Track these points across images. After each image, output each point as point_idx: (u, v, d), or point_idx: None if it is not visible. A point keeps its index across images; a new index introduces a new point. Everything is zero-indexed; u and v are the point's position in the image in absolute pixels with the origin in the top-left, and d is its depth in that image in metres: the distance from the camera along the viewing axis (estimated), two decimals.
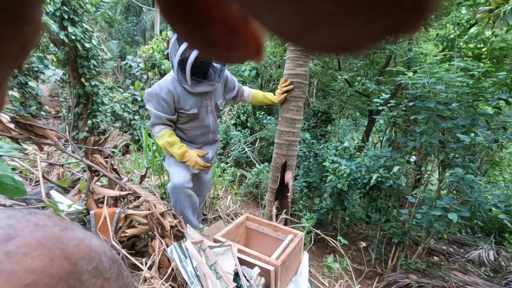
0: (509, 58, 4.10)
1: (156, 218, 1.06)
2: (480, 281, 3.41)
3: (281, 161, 1.92)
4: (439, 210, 2.63)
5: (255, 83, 9.33)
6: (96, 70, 5.91)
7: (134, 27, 16.41)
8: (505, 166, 7.08)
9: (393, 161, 3.54)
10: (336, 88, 6.70)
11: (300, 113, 1.89)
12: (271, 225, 1.38)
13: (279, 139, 1.94)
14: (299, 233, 1.35)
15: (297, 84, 1.83)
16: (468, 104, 2.94)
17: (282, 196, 1.83)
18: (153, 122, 1.72)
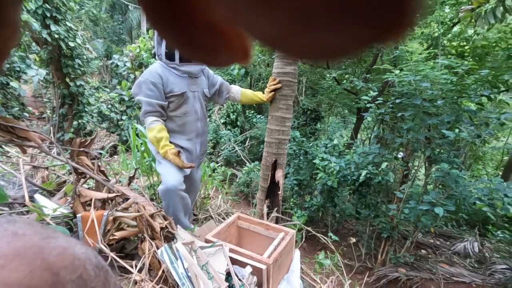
0: (490, 56, 4.22)
1: (145, 220, 1.04)
2: (465, 272, 3.51)
3: (272, 159, 1.92)
4: (426, 205, 2.69)
5: (244, 82, 9.30)
6: (81, 70, 5.77)
7: (120, 25, 16.08)
8: (488, 160, 7.32)
9: (381, 157, 3.60)
10: (325, 86, 6.76)
11: (290, 111, 1.90)
12: (263, 223, 1.38)
13: (269, 138, 1.94)
14: (290, 231, 1.35)
15: (286, 83, 1.83)
16: (452, 100, 3.02)
17: (273, 194, 1.84)
18: (145, 110, 1.72)
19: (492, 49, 4.38)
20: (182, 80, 1.79)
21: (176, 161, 1.61)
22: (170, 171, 1.67)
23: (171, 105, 1.77)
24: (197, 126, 1.88)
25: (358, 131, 6.37)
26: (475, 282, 3.29)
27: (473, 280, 3.32)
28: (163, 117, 1.76)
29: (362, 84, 4.43)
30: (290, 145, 4.53)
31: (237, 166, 8.05)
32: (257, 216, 2.04)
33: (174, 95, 1.75)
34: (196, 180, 1.98)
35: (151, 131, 1.69)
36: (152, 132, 1.68)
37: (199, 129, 1.89)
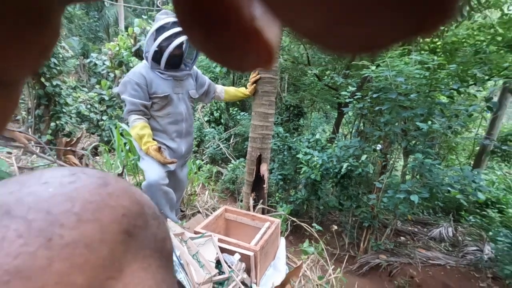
0: (460, 51, 4.46)
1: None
2: (440, 255, 3.75)
3: (256, 154, 1.98)
4: (403, 193, 2.85)
5: (227, 79, 9.30)
6: (57, 69, 5.57)
7: (96, 22, 15.55)
8: (460, 150, 7.73)
9: (361, 150, 3.75)
10: (307, 83, 6.89)
11: (272, 107, 1.97)
12: (249, 215, 1.45)
13: (253, 133, 2.00)
14: (275, 220, 1.42)
15: (268, 80, 1.89)
16: (425, 94, 3.19)
17: (259, 188, 1.90)
18: (129, 109, 1.75)
19: (461, 45, 4.63)
20: (166, 82, 1.81)
21: (158, 157, 1.64)
22: (152, 167, 1.70)
23: (155, 105, 1.80)
24: (182, 127, 1.90)
25: (340, 125, 6.55)
26: (449, 264, 3.51)
27: (447, 262, 3.55)
28: (146, 116, 1.78)
29: (342, 80, 4.57)
30: (274, 141, 4.62)
31: (222, 164, 8.06)
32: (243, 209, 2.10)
33: (158, 97, 1.77)
34: (181, 179, 2.00)
35: (134, 128, 1.72)
36: (135, 129, 1.72)
37: (183, 130, 1.91)
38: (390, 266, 3.54)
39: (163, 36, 1.62)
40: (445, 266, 3.49)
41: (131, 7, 15.18)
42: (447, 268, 3.47)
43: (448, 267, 3.48)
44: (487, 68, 3.81)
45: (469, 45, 4.43)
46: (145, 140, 1.70)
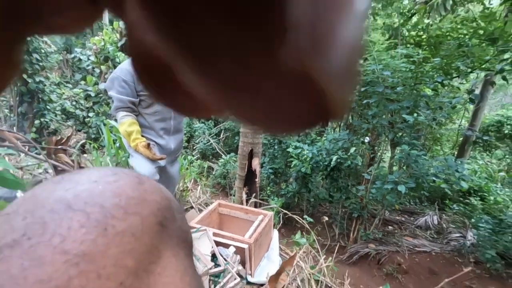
0: (444, 45, 4.57)
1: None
2: (426, 242, 3.89)
3: (248, 149, 2.00)
4: (391, 184, 2.94)
5: None
6: (39, 65, 5.40)
7: None
8: (444, 141, 7.96)
9: (350, 143, 3.83)
10: None
11: None
12: (242, 208, 1.47)
13: (244, 128, 2.02)
14: (268, 213, 1.46)
15: None
16: (411, 87, 3.27)
17: (251, 182, 1.93)
18: (117, 106, 1.74)
19: (445, 38, 4.74)
20: None
21: (147, 153, 1.64)
22: (142, 163, 1.69)
23: (143, 103, 1.78)
24: (170, 125, 1.88)
25: None
26: (434, 250, 3.66)
27: (433, 249, 3.70)
28: (134, 112, 1.76)
29: None
30: (264, 135, 4.65)
31: (213, 159, 8.05)
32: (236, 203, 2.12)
33: (145, 94, 1.75)
34: (173, 175, 1.98)
35: (122, 125, 1.71)
36: (123, 126, 1.71)
37: (171, 127, 1.89)
38: (379, 255, 3.66)
39: None
40: (431, 253, 3.64)
41: None
42: (432, 255, 3.62)
43: (433, 253, 3.63)
44: (470, 61, 3.92)
45: (453, 38, 4.54)
46: (133, 136, 1.69)
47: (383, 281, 3.43)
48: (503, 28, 3.93)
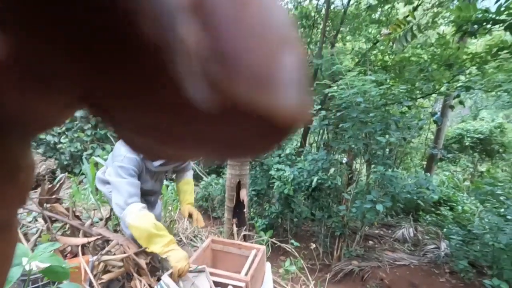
0: (407, 69, 4.99)
1: (132, 259, 1.09)
2: (405, 256, 4.08)
3: (235, 180, 2.07)
4: (369, 203, 3.10)
5: None
6: None
7: None
8: (414, 154, 8.46)
9: (329, 163, 4.00)
10: None
11: None
12: (235, 244, 1.51)
13: (231, 161, 2.08)
14: (261, 247, 1.51)
15: None
16: (381, 111, 3.53)
17: (239, 212, 1.98)
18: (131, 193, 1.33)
19: (408, 62, 5.19)
20: (150, 173, 1.56)
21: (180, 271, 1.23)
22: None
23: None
24: (150, 200, 1.71)
25: (307, 138, 6.85)
26: (412, 263, 3.84)
27: (411, 262, 3.88)
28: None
29: None
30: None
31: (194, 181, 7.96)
32: (225, 235, 2.15)
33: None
34: (156, 217, 1.84)
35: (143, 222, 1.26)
36: (145, 223, 1.26)
37: (151, 201, 1.72)
38: (362, 271, 3.78)
39: None
40: (410, 266, 3.81)
41: None
42: (411, 268, 3.79)
43: (412, 266, 3.81)
44: (431, 85, 4.31)
45: (415, 63, 4.99)
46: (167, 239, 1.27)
47: None
48: (457, 54, 4.39)
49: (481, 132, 8.13)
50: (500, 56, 3.88)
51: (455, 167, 9.32)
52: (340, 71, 3.86)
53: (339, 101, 3.66)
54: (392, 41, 3.63)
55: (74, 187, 2.94)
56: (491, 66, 3.84)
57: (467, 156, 8.55)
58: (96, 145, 4.96)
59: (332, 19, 5.83)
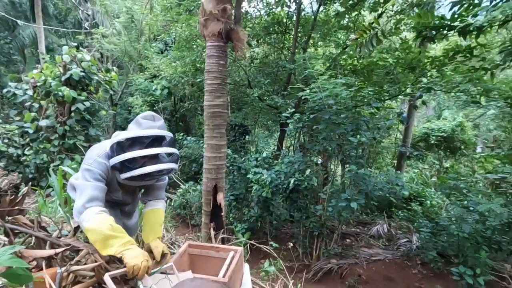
0: (375, 72, 5.25)
1: (104, 268, 1.04)
2: (380, 251, 4.24)
3: (212, 184, 2.06)
4: (344, 201, 3.20)
5: (168, 102, 9.13)
6: None
7: (9, 44, 13.78)
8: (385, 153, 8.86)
9: (305, 164, 4.09)
10: (249, 102, 7.21)
11: (224, 139, 2.08)
12: (213, 247, 1.50)
13: (208, 165, 2.08)
14: (238, 248, 1.51)
15: (218, 113, 2.01)
16: (352, 112, 3.67)
17: (217, 216, 1.97)
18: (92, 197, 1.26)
19: (375, 65, 5.46)
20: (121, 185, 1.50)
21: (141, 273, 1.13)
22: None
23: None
24: (124, 210, 1.66)
25: (283, 141, 6.95)
26: (387, 258, 4.00)
27: (386, 256, 4.04)
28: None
29: (281, 100, 4.94)
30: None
31: (170, 189, 7.77)
32: (203, 239, 2.12)
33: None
34: (131, 226, 1.76)
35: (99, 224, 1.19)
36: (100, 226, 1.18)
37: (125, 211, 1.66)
38: (341, 269, 3.87)
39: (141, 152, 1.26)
40: (385, 260, 3.97)
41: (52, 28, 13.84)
42: (386, 262, 3.95)
43: (387, 260, 3.96)
44: (397, 87, 4.56)
45: (381, 66, 5.26)
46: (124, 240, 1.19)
47: None
48: (419, 57, 4.69)
49: (444, 131, 8.69)
50: (456, 59, 4.20)
51: (423, 164, 9.87)
52: (312, 75, 3.98)
53: (312, 104, 3.77)
54: (359, 46, 3.81)
55: (41, 200, 2.77)
56: (449, 68, 4.13)
57: (433, 153, 9.09)
58: (64, 156, 4.71)
59: (303, 25, 6.01)
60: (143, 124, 1.35)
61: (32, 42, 13.94)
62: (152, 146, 1.32)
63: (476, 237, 3.10)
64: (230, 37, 1.92)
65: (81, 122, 4.87)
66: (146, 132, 1.31)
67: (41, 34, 10.68)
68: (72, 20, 15.32)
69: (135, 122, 1.38)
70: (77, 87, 4.68)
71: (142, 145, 1.31)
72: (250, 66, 6.82)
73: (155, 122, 1.38)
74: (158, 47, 9.16)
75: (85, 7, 11.70)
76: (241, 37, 1.85)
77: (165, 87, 7.45)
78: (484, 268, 3.01)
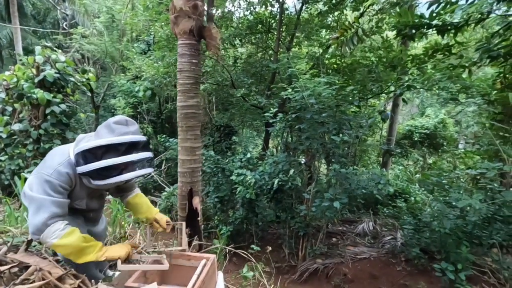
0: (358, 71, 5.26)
1: (54, 286, 0.95)
2: (365, 249, 4.24)
3: (187, 188, 1.98)
4: (327, 201, 3.18)
5: (153, 103, 8.95)
6: None
7: None
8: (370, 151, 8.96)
9: (289, 164, 4.04)
10: (234, 102, 7.13)
11: (198, 140, 2.01)
12: (184, 255, 1.43)
13: (182, 168, 2.00)
14: (211, 256, 1.44)
15: (191, 115, 1.93)
16: (333, 111, 3.66)
17: (193, 221, 1.89)
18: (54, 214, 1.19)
19: (358, 65, 5.49)
20: (87, 189, 1.42)
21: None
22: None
23: None
24: (89, 216, 1.58)
25: (268, 141, 6.91)
26: (372, 255, 4.01)
27: (371, 254, 4.04)
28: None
29: (265, 100, 4.89)
30: (207, 164, 4.61)
31: (155, 192, 7.60)
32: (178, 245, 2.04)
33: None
34: (98, 233, 1.68)
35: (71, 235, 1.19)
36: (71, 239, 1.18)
37: (90, 218, 1.59)
38: (326, 268, 3.85)
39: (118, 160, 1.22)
40: (370, 258, 3.97)
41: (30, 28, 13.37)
42: (371, 260, 3.95)
43: (372, 258, 3.97)
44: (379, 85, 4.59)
45: (364, 65, 5.29)
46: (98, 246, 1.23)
47: None
48: (400, 56, 4.73)
49: (427, 128, 8.86)
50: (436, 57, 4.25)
51: (407, 161, 10.04)
52: (295, 74, 3.95)
53: (295, 103, 3.74)
54: (340, 44, 3.80)
55: (8, 210, 2.62)
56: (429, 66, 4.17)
57: (417, 150, 9.25)
58: (39, 160, 4.51)
59: (286, 24, 5.98)
60: (117, 130, 1.28)
61: (10, 43, 13.41)
62: (128, 152, 1.28)
63: (457, 232, 3.13)
64: (202, 35, 1.84)
65: (57, 126, 4.67)
66: (121, 138, 1.26)
67: (18, 35, 10.29)
68: (52, 20, 14.84)
69: (106, 127, 1.30)
70: (52, 89, 4.48)
71: (118, 152, 1.26)
72: (234, 66, 6.75)
73: (129, 127, 1.32)
74: (140, 48, 8.98)
75: (63, 7, 11.34)
76: (214, 34, 1.78)
77: (148, 88, 7.28)
78: (465, 263, 3.04)
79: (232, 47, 6.58)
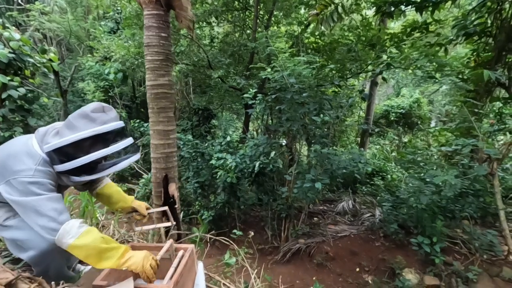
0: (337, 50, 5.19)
1: None
2: (346, 227, 4.34)
3: (162, 175, 1.85)
4: (309, 182, 3.16)
5: (125, 86, 8.45)
6: None
7: None
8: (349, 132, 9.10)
9: (270, 146, 3.98)
10: (212, 85, 6.88)
11: (172, 123, 1.85)
12: (159, 247, 1.33)
13: (155, 153, 1.85)
14: (189, 246, 1.35)
15: (162, 95, 1.76)
16: (314, 91, 3.58)
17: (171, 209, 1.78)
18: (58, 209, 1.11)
19: (338, 44, 5.40)
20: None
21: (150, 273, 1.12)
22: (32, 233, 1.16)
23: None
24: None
25: (248, 124, 6.79)
26: (352, 233, 4.11)
27: (351, 231, 4.15)
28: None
29: (244, 81, 4.71)
30: (186, 149, 4.45)
31: (133, 179, 7.34)
32: (156, 237, 1.94)
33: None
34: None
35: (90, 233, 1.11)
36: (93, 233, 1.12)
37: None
38: (309, 248, 3.91)
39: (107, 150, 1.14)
40: (350, 236, 4.07)
41: None
42: (351, 237, 4.06)
43: (352, 236, 4.07)
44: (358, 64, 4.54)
45: (343, 44, 5.21)
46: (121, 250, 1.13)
47: (316, 271, 3.68)
48: (378, 35, 4.69)
49: (402, 108, 9.09)
50: (414, 35, 4.23)
51: (384, 141, 10.34)
52: (274, 53, 3.80)
53: (274, 84, 3.62)
54: (320, 21, 3.68)
55: None
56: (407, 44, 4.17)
57: (393, 129, 9.52)
58: None
59: (264, 1, 5.73)
60: (98, 119, 1.17)
61: None
62: (115, 140, 1.21)
63: (433, 207, 3.24)
64: (171, 5, 1.65)
65: (18, 112, 4.28)
66: (107, 127, 1.17)
67: None
68: None
69: (83, 117, 1.17)
70: (7, 72, 4.05)
71: (107, 141, 1.18)
72: (210, 46, 6.44)
73: (108, 114, 1.22)
74: (108, 26, 8.34)
75: None
76: (184, 4, 1.60)
77: (119, 70, 6.83)
78: (440, 236, 3.17)
79: (208, 25, 6.24)
